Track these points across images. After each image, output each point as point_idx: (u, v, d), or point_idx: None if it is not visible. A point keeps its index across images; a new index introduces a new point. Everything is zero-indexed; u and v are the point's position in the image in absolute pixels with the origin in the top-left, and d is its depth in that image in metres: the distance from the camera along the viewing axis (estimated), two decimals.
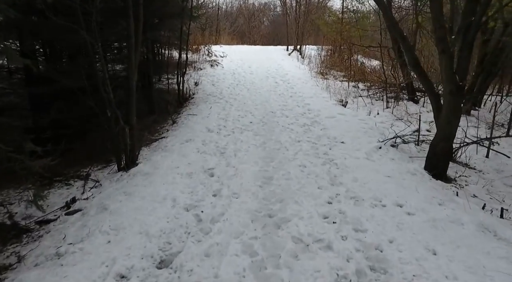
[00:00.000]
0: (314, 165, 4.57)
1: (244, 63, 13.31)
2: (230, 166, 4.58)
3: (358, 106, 8.12)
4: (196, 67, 11.88)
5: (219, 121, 6.69)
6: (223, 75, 11.28)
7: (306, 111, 7.52)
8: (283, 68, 12.50)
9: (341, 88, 10.01)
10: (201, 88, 9.83)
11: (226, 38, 19.63)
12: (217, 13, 20.30)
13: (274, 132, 6.05)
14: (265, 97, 8.74)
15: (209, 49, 14.13)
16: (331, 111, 7.43)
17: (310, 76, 11.45)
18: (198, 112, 7.43)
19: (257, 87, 9.86)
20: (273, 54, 15.91)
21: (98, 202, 3.68)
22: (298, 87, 9.86)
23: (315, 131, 6.11)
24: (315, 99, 8.53)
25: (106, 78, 4.60)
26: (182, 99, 8.86)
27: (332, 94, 9.06)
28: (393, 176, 4.15)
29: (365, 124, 6.59)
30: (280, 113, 7.31)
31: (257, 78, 11.02)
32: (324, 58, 13.63)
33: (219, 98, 8.67)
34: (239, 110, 7.53)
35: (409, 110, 7.84)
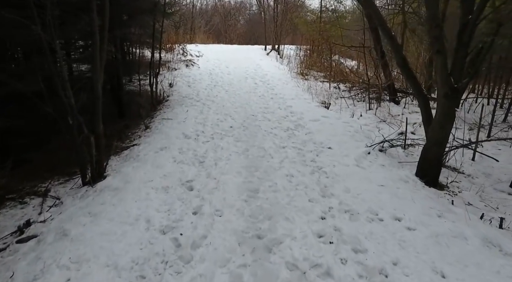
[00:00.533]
0: (302, 174, 4.27)
1: (221, 63, 12.88)
2: (211, 177, 4.19)
3: (341, 108, 7.95)
4: (171, 67, 11.33)
5: (197, 126, 6.26)
6: (199, 75, 10.81)
7: (288, 114, 7.23)
8: (262, 69, 12.20)
9: (322, 89, 9.84)
10: (176, 90, 9.32)
11: (202, 37, 19.07)
12: (191, 11, 19.68)
13: (256, 137, 5.71)
14: (245, 99, 8.39)
15: (184, 48, 13.58)
16: (315, 113, 7.19)
17: (290, 77, 11.22)
18: (174, 116, 6.96)
19: (236, 89, 9.48)
20: (251, 54, 15.58)
21: (58, 226, 3.18)
22: (279, 89, 9.58)
23: (300, 136, 5.83)
24: (297, 101, 8.27)
25: (65, 80, 4.07)
26: (156, 102, 8.33)
27: (314, 95, 8.85)
28: (386, 184, 3.92)
29: (350, 127, 6.39)
30: (261, 117, 6.98)
31: (236, 79, 10.64)
32: (303, 58, 13.46)
33: (196, 100, 8.22)
34: (218, 114, 7.12)
35: (392, 112, 7.75)
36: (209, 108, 7.58)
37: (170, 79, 10.05)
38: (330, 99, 8.64)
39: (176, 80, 10.10)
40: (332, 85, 10.31)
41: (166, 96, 8.75)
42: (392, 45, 5.27)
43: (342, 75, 10.58)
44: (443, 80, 3.88)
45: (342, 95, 9.34)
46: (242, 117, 6.92)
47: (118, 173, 4.41)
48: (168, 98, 8.59)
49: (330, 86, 10.14)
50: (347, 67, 12.11)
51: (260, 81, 10.51)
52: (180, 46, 13.52)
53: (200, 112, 7.21)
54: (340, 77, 10.50)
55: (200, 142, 5.49)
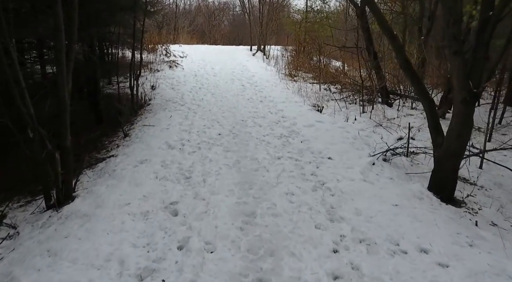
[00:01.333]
0: (303, 191, 3.69)
1: (206, 64, 12.18)
2: (199, 197, 3.55)
3: (334, 112, 7.44)
4: (153, 68, 10.55)
5: (182, 134, 5.58)
6: (183, 77, 10.09)
7: (280, 118, 6.66)
8: (249, 70, 11.58)
9: (312, 91, 9.33)
10: (159, 92, 8.59)
11: (185, 37, 18.27)
12: (175, 11, 18.84)
13: (248, 146, 5.09)
14: (232, 103, 7.75)
15: (167, 48, 12.80)
16: (308, 118, 6.64)
17: (278, 78, 10.66)
18: (156, 123, 6.25)
19: (223, 91, 8.83)
20: (237, 55, 14.93)
21: (5, 271, 2.48)
22: (268, 91, 8.99)
23: (295, 144, 5.25)
24: (288, 105, 7.71)
25: (22, 87, 3.34)
26: (137, 106, 7.59)
27: (305, 98, 8.32)
28: (401, 204, 3.39)
29: (347, 133, 5.87)
30: (252, 122, 6.37)
31: (222, 81, 9.98)
32: (290, 59, 12.94)
33: (180, 104, 7.52)
34: (205, 119, 6.47)
35: (387, 115, 7.30)
36: (195, 113, 6.91)
37: (152, 82, 9.29)
38: (322, 102, 8.13)
39: (159, 82, 9.36)
40: (322, 87, 9.81)
41: (148, 100, 8.01)
42: (394, 45, 4.77)
43: (332, 76, 10.11)
44: (461, 84, 3.39)
45: (334, 97, 8.85)
46: (231, 123, 6.29)
47: (90, 193, 3.71)
48: (150, 102, 7.85)
49: (321, 88, 9.65)
50: (339, 68, 11.65)
51: (247, 83, 9.89)
52: (163, 47, 12.73)
53: (185, 118, 6.53)
54: (331, 79, 10.02)
55: (186, 152, 4.83)
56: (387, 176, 4.12)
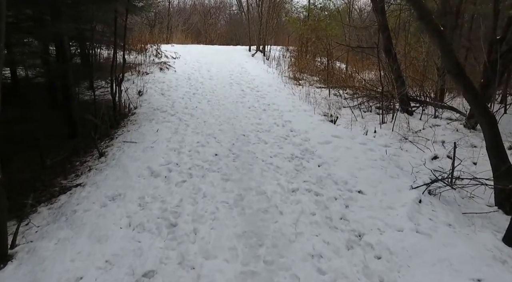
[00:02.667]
0: (334, 250, 2.60)
1: (201, 66, 11.07)
2: (186, 263, 2.45)
3: (350, 123, 6.37)
4: (141, 71, 9.43)
5: (170, 155, 4.48)
6: (175, 81, 8.97)
7: (289, 132, 5.57)
8: (249, 73, 10.49)
9: (321, 97, 8.26)
10: (147, 99, 7.46)
11: (180, 36, 17.15)
12: (168, 8, 17.70)
13: (252, 173, 4.00)
14: (231, 112, 6.66)
15: (158, 49, 11.67)
16: (322, 132, 5.56)
17: (282, 82, 9.57)
18: (139, 138, 5.15)
19: (220, 98, 7.73)
20: (235, 55, 13.83)
21: None
22: (271, 97, 7.91)
23: (312, 168, 4.17)
24: (296, 114, 6.62)
25: None
26: (119, 116, 6.47)
27: (315, 106, 7.25)
28: (485, 278, 2.31)
29: (372, 152, 4.80)
30: (255, 138, 5.28)
31: (219, 85, 8.88)
32: (293, 60, 11.86)
33: (170, 114, 6.41)
34: (199, 134, 5.37)
35: (411, 126, 6.25)
36: (187, 125, 5.80)
37: (140, 86, 8.17)
38: (333, 110, 7.07)
39: (147, 87, 8.23)
40: (332, 91, 8.75)
41: (133, 109, 6.88)
42: (440, 45, 3.71)
43: (342, 80, 9.05)
44: None
45: (345, 104, 7.80)
46: (229, 139, 5.20)
47: (32, 253, 2.60)
48: (136, 111, 6.73)
49: (330, 93, 8.58)
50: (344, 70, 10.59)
51: (247, 87, 8.80)
52: (153, 47, 11.60)
53: (174, 132, 5.42)
54: (341, 83, 8.96)
55: (173, 183, 3.72)
56: (443, 220, 3.04)
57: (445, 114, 7.29)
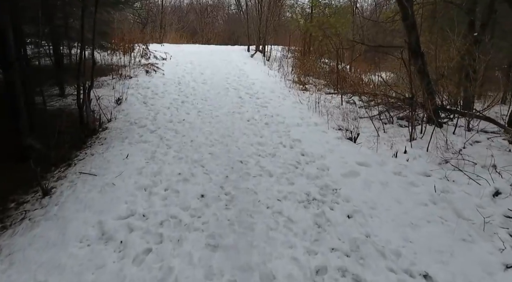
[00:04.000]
0: None
1: (194, 68, 9.69)
2: None
3: (371, 138, 5.06)
4: (124, 74, 8.06)
5: (136, 199, 3.13)
6: (162, 86, 7.60)
7: (299, 157, 4.22)
8: (248, 76, 9.13)
9: (332, 105, 6.92)
10: (125, 109, 6.10)
11: (174, 36, 15.74)
12: (161, 5, 16.24)
13: (253, 233, 2.65)
14: (226, 127, 5.30)
15: (146, 49, 10.28)
16: (343, 156, 4.21)
17: (285, 87, 8.21)
18: (102, 167, 3.80)
19: (213, 107, 6.37)
20: (232, 56, 12.44)
21: None
22: (274, 106, 6.55)
23: (340, 223, 2.82)
24: (306, 129, 5.27)
25: None
26: (87, 131, 5.12)
27: (327, 117, 5.90)
28: None
29: (415, 190, 3.47)
30: (256, 166, 3.93)
31: (213, 91, 7.52)
32: (297, 62, 10.50)
33: (150, 130, 5.05)
34: (182, 160, 4.02)
35: (451, 142, 4.90)
36: (168, 147, 4.45)
37: (120, 92, 6.80)
38: (349, 122, 5.73)
39: (128, 93, 6.86)
40: (344, 98, 7.40)
41: (106, 121, 5.53)
42: None
43: (355, 85, 7.70)
44: None
45: (362, 114, 6.47)
46: (222, 168, 3.85)
47: None
48: (108, 126, 5.37)
49: (342, 100, 7.23)
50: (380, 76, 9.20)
51: (246, 94, 7.44)
52: (141, 47, 10.21)
53: (150, 158, 4.07)
54: (355, 88, 7.61)
55: (130, 256, 2.37)
56: None
57: (481, 126, 5.99)
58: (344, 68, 8.23)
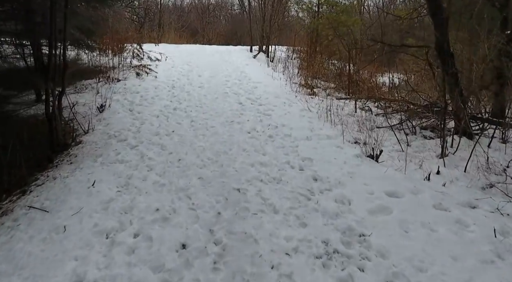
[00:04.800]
0: None
1: (192, 70, 8.81)
2: None
3: (394, 155, 4.18)
4: (112, 77, 7.21)
5: (90, 250, 2.26)
6: (153, 91, 6.74)
7: (312, 184, 3.32)
8: (250, 78, 8.24)
9: (345, 113, 6.02)
10: (107, 118, 5.24)
11: (173, 35, 14.90)
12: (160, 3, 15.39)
13: None
14: (222, 142, 4.42)
15: (140, 49, 9.43)
16: (366, 183, 3.30)
17: (291, 91, 7.31)
18: (59, 199, 2.94)
19: (209, 115, 5.50)
20: (234, 57, 11.55)
21: None
22: (279, 114, 5.65)
23: None
24: (318, 144, 4.37)
25: None
26: (56, 147, 4.28)
27: (341, 126, 5.00)
28: None
29: (469, 234, 2.56)
30: (257, 197, 3.04)
31: (210, 96, 6.64)
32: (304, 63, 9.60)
33: (131, 146, 4.18)
34: (164, 188, 3.14)
35: (493, 160, 3.98)
36: (149, 168, 3.58)
37: (104, 96, 5.94)
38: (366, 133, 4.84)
39: (113, 99, 6.00)
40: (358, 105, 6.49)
41: (82, 133, 4.68)
42: None
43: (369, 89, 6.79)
44: None
45: (379, 122, 5.58)
46: (214, 201, 2.96)
47: None
48: (83, 139, 4.52)
49: (356, 107, 6.31)
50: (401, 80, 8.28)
51: (247, 99, 6.55)
52: (134, 46, 9.37)
53: (123, 185, 3.20)
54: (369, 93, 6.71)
55: None
56: None
57: None
58: (356, 70, 7.32)
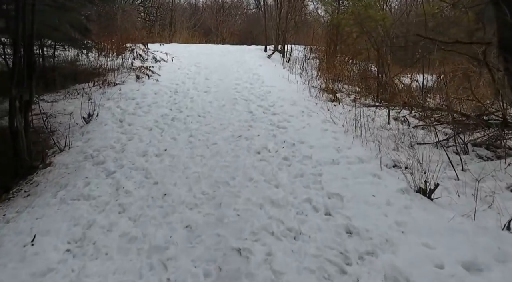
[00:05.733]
0: None
1: (199, 72, 7.86)
2: None
3: (448, 187, 3.05)
4: (109, 80, 6.35)
5: None
6: (153, 96, 5.82)
7: (346, 242, 2.25)
8: (263, 81, 7.20)
9: (377, 126, 4.89)
10: (91, 130, 4.34)
11: (185, 35, 14.03)
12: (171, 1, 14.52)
13: None
14: (224, 166, 3.41)
15: (145, 49, 8.55)
16: (429, 246, 2.20)
17: (310, 97, 6.21)
18: None
19: (212, 128, 4.51)
20: (246, 57, 10.52)
21: None
22: (296, 127, 4.58)
23: None
24: (348, 173, 3.27)
25: None
26: (20, 169, 3.40)
27: (373, 144, 3.90)
28: None
29: None
30: (264, 268, 2.00)
31: (216, 103, 5.65)
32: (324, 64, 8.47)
33: (108, 171, 3.24)
34: (130, 249, 2.16)
35: None
36: (122, 209, 2.61)
37: (96, 102, 5.07)
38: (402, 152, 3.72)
39: (104, 106, 5.12)
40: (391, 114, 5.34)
41: (58, 151, 3.79)
42: None
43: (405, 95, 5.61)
44: None
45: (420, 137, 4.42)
46: (199, 274, 1.96)
47: None
48: (55, 159, 3.62)
49: (390, 118, 5.16)
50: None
51: (259, 107, 5.51)
52: (138, 47, 8.51)
53: (77, 242, 2.25)
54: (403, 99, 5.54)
55: None
56: None
57: None
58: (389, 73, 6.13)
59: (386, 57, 6.17)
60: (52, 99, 5.49)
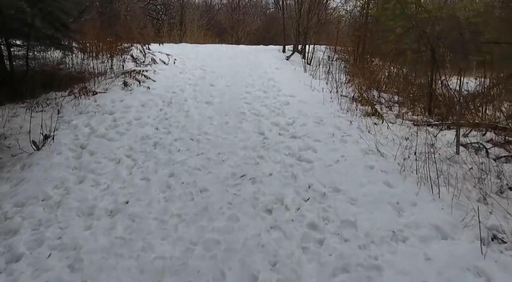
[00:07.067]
0: None
1: (204, 77, 6.49)
2: None
3: None
4: (88, 88, 5.08)
5: None
6: (137, 110, 4.50)
7: None
8: (279, 89, 5.75)
9: (440, 155, 3.33)
10: (35, 164, 3.04)
11: (196, 34, 12.77)
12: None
13: None
14: (211, 241, 2.01)
15: (144, 50, 7.29)
16: None
17: (341, 111, 4.71)
18: None
19: (205, 160, 3.12)
20: (261, 58, 9.05)
21: None
22: (326, 160, 3.11)
23: None
24: (424, 263, 1.81)
25: None
26: None
27: (450, 199, 2.38)
28: None
29: None
30: None
31: (218, 119, 4.27)
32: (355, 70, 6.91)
33: (12, 255, 1.92)
34: None
35: None
36: None
37: (64, 118, 3.80)
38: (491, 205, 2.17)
39: (70, 123, 3.84)
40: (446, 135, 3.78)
41: None
42: None
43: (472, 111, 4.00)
44: None
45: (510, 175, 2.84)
46: None
47: None
48: None
49: (458, 145, 3.58)
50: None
51: (273, 125, 4.08)
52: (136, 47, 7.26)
53: None
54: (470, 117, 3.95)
55: None
56: None
57: None
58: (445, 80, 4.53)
59: (444, 59, 4.57)
60: (12, 114, 4.27)
